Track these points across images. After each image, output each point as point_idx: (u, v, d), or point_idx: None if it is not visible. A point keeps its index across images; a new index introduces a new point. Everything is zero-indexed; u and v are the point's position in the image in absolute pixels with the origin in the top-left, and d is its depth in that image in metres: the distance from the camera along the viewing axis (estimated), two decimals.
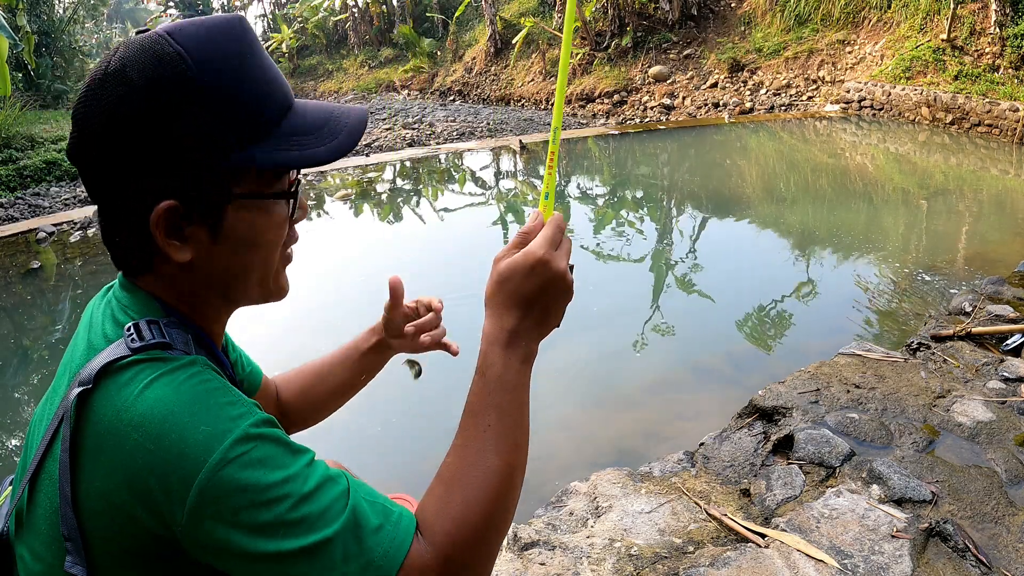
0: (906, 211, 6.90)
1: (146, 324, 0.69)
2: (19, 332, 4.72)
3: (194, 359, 0.68)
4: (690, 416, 3.18)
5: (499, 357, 0.72)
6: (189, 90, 0.65)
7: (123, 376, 0.64)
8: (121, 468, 0.61)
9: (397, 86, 21.17)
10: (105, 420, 0.63)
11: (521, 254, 0.73)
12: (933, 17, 11.86)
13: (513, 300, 0.72)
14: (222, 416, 0.62)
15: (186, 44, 0.66)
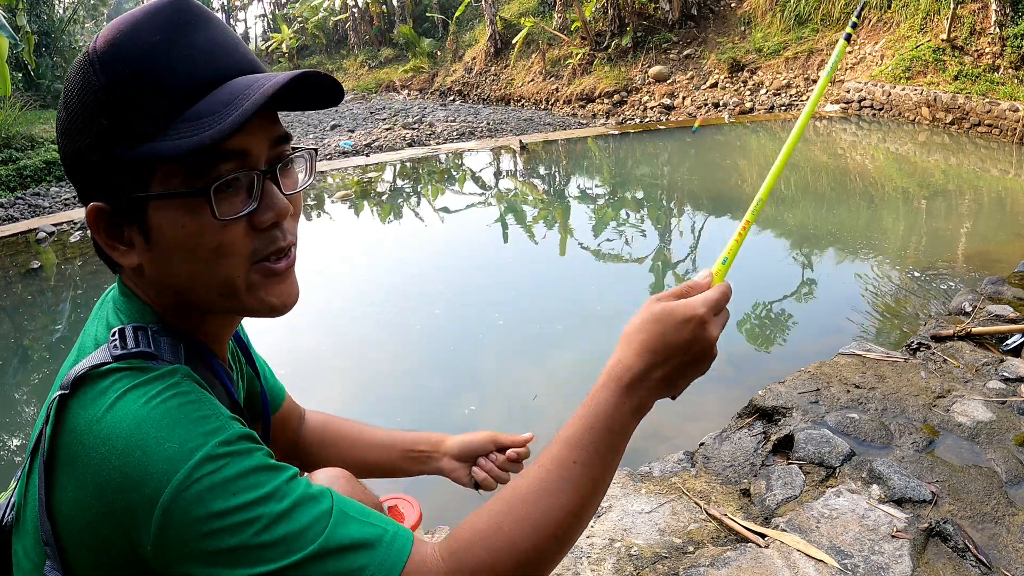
0: (906, 211, 6.90)
1: (132, 330, 0.66)
2: (19, 332, 4.72)
3: (174, 369, 0.65)
4: (690, 416, 3.18)
5: (614, 396, 0.69)
6: (90, 90, 0.63)
7: (100, 384, 0.62)
8: (91, 482, 0.58)
9: (397, 86, 21.17)
10: (78, 429, 0.60)
11: (682, 303, 0.70)
12: (933, 17, 11.86)
13: (655, 344, 0.69)
14: (191, 433, 0.59)
15: (100, 44, 0.64)
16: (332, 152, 10.84)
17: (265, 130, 0.68)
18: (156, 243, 0.66)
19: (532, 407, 3.37)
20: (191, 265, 0.66)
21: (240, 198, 0.66)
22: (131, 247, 0.67)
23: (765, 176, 0.80)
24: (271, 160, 0.69)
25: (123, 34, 0.64)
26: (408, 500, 1.50)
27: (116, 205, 0.66)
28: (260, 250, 0.69)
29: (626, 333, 0.71)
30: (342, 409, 1.22)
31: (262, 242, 0.69)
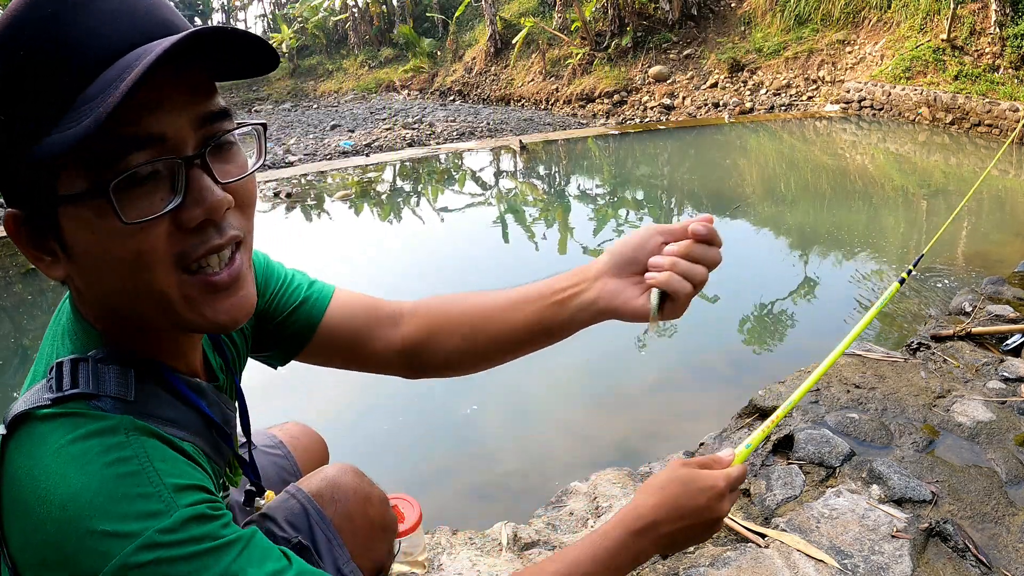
0: (906, 211, 6.90)
1: (70, 365, 0.59)
2: (19, 332, 4.73)
3: (116, 425, 0.57)
4: (690, 416, 3.18)
5: (623, 538, 0.73)
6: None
7: (37, 430, 0.57)
8: (31, 537, 0.55)
9: (397, 86, 21.17)
10: (18, 479, 0.56)
11: (707, 473, 0.76)
12: (933, 17, 11.86)
13: (672, 503, 0.74)
14: (130, 513, 0.53)
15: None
16: (332, 152, 10.84)
17: (187, 106, 0.56)
18: (73, 253, 0.58)
19: (535, 406, 3.37)
20: (112, 277, 0.58)
21: (160, 194, 0.56)
22: (55, 258, 0.59)
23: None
24: (201, 143, 0.58)
25: (12, 13, 0.54)
26: (408, 500, 1.51)
27: (27, 211, 0.57)
28: (189, 253, 0.58)
29: (649, 485, 0.77)
30: (343, 408, 1.22)
31: (192, 244, 0.58)
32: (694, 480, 0.76)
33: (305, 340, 0.89)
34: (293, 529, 0.87)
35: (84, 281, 0.60)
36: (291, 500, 0.91)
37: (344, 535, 0.89)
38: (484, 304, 0.87)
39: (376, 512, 0.95)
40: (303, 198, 8.17)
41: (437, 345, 0.89)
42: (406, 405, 3.39)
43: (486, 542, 1.94)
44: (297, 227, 7.15)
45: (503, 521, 2.01)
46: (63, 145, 0.51)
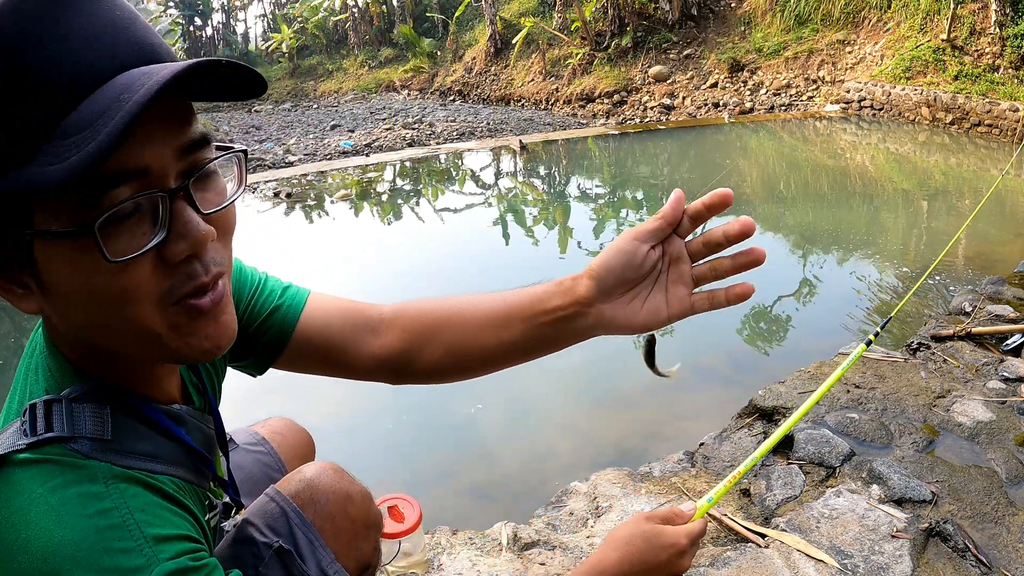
0: (906, 211, 6.90)
1: (43, 408, 0.57)
2: (19, 332, 4.73)
3: (94, 474, 0.56)
4: (690, 416, 3.18)
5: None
6: None
7: (15, 476, 0.55)
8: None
9: (397, 86, 21.18)
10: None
11: (670, 530, 0.81)
12: (933, 17, 11.86)
13: (635, 558, 0.78)
14: (111, 568, 0.52)
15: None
16: (332, 152, 10.84)
17: (170, 136, 0.54)
18: (50, 289, 0.55)
19: (535, 406, 3.37)
20: (93, 313, 0.56)
21: (143, 228, 0.54)
22: (28, 291, 0.57)
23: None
24: (183, 173, 0.56)
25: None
26: (408, 500, 1.51)
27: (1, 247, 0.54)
28: (175, 289, 0.57)
29: (613, 538, 0.80)
30: (343, 408, 1.21)
31: (177, 280, 0.57)
32: (657, 536, 0.80)
33: (280, 348, 0.88)
34: (273, 533, 0.86)
35: (60, 316, 0.58)
36: (270, 503, 0.90)
37: (326, 536, 0.88)
38: (470, 316, 0.83)
39: (358, 510, 0.93)
40: (303, 198, 8.17)
41: (420, 356, 0.86)
42: (406, 405, 3.39)
43: (486, 542, 1.94)
44: (297, 227, 7.15)
45: (503, 521, 2.02)
46: (48, 182, 0.48)
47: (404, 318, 0.86)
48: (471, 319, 0.82)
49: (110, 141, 0.47)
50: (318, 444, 1.35)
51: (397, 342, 0.86)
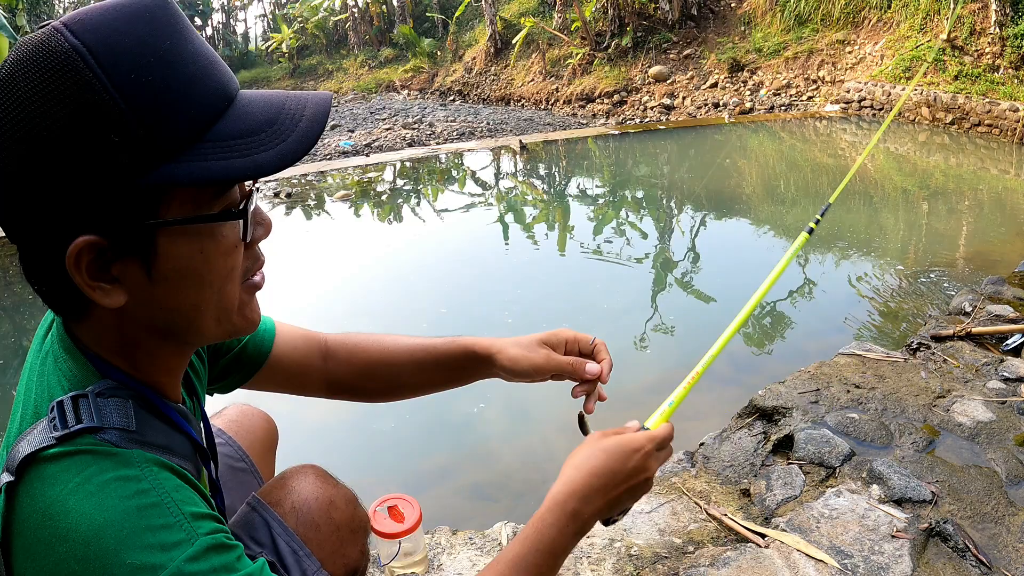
0: (906, 211, 6.90)
1: (71, 402, 0.59)
2: (19, 332, 4.73)
3: (129, 457, 0.58)
4: (690, 416, 3.18)
5: (559, 522, 0.75)
6: (89, 96, 0.52)
7: (47, 471, 0.57)
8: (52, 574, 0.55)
9: (397, 86, 21.17)
10: (31, 521, 0.56)
11: (630, 436, 0.81)
12: (933, 17, 11.86)
13: (603, 471, 0.78)
14: (155, 544, 0.54)
15: (86, 38, 0.52)
16: (332, 152, 10.84)
17: None
18: (163, 274, 0.59)
19: (535, 406, 3.37)
20: (199, 293, 0.62)
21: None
22: (117, 284, 0.59)
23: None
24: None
25: (122, 34, 0.53)
26: (408, 500, 1.51)
27: (116, 236, 0.57)
28: (248, 270, 0.67)
29: (573, 462, 0.81)
30: (343, 408, 1.21)
31: (250, 260, 0.67)
32: (619, 445, 0.80)
33: (256, 369, 0.95)
34: (256, 544, 0.86)
35: (155, 302, 0.61)
36: (252, 513, 0.90)
37: (311, 544, 0.88)
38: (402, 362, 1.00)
39: (342, 515, 0.95)
40: (303, 198, 8.17)
41: (362, 387, 1.02)
42: (406, 405, 3.39)
43: (486, 542, 1.94)
44: (297, 227, 7.15)
45: (503, 521, 2.02)
46: (228, 173, 0.56)
47: (346, 352, 1.00)
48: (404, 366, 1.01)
49: (309, 140, 0.59)
50: (318, 444, 1.35)
51: (344, 375, 1.01)
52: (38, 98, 0.52)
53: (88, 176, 0.54)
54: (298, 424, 2.98)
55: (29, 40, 0.54)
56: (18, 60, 0.54)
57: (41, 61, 0.52)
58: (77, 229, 0.56)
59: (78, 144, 0.53)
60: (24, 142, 0.53)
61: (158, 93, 0.54)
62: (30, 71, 0.53)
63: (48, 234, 0.56)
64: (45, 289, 0.61)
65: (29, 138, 0.53)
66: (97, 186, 0.54)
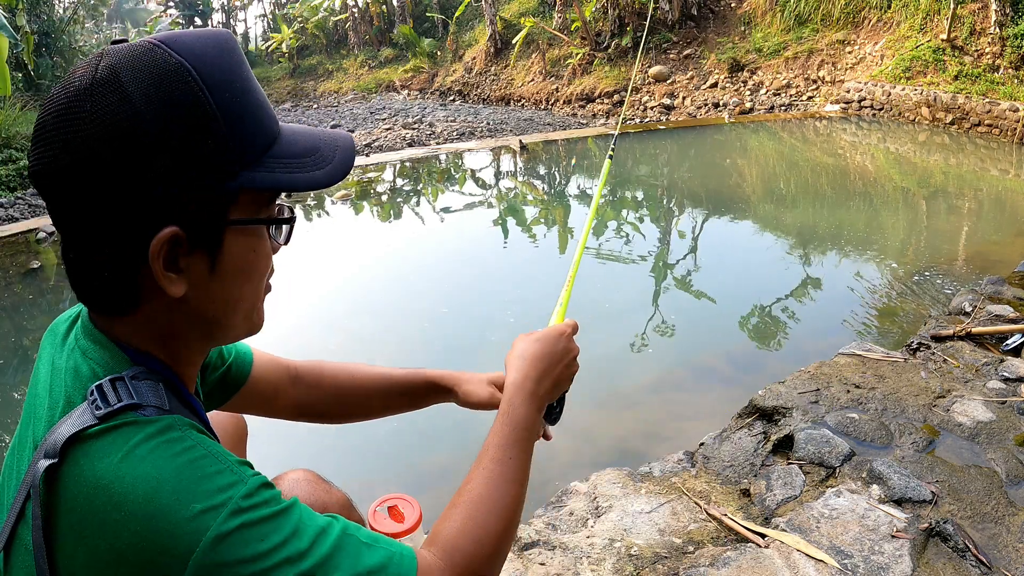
0: (906, 211, 6.90)
1: (109, 385, 0.63)
2: (19, 332, 4.73)
3: (170, 422, 0.63)
4: (690, 416, 3.18)
5: (523, 403, 0.84)
6: (195, 105, 0.61)
7: (93, 447, 0.60)
8: (106, 548, 0.57)
9: (397, 86, 21.17)
10: (81, 497, 0.58)
11: (550, 327, 0.93)
12: (933, 17, 11.86)
13: (542, 355, 0.89)
14: (211, 489, 0.59)
15: (188, 57, 0.61)
16: None
17: None
18: (223, 268, 0.67)
19: None
20: (242, 287, 0.70)
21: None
22: (181, 275, 0.65)
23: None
24: None
25: (211, 57, 0.63)
26: (408, 500, 1.50)
27: (195, 231, 0.64)
28: (272, 271, 0.76)
29: (516, 354, 0.90)
30: None
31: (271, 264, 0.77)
32: (547, 334, 0.92)
33: (235, 391, 1.00)
34: None
35: (210, 293, 0.68)
36: None
37: None
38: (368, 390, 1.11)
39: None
40: (303, 198, 8.17)
41: (329, 411, 1.11)
42: None
43: None
44: (297, 227, 7.13)
45: None
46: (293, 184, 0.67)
47: (314, 380, 1.08)
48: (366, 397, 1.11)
49: (348, 166, 0.71)
50: (319, 443, 1.35)
51: (311, 402, 1.09)
52: (148, 101, 0.59)
53: (184, 174, 0.61)
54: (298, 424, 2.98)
55: (125, 50, 0.61)
56: (119, 66, 0.60)
57: (151, 70, 0.60)
58: (164, 221, 0.62)
59: (181, 145, 0.61)
60: (127, 137, 0.59)
61: (243, 112, 0.64)
62: (139, 76, 0.60)
63: (134, 225, 0.61)
64: (99, 283, 0.65)
65: (134, 134, 0.59)
66: (191, 184, 0.62)
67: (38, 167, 0.62)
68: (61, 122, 0.60)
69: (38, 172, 0.62)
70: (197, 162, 0.62)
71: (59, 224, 0.64)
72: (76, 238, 0.63)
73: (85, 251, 0.64)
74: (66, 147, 0.59)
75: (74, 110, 0.59)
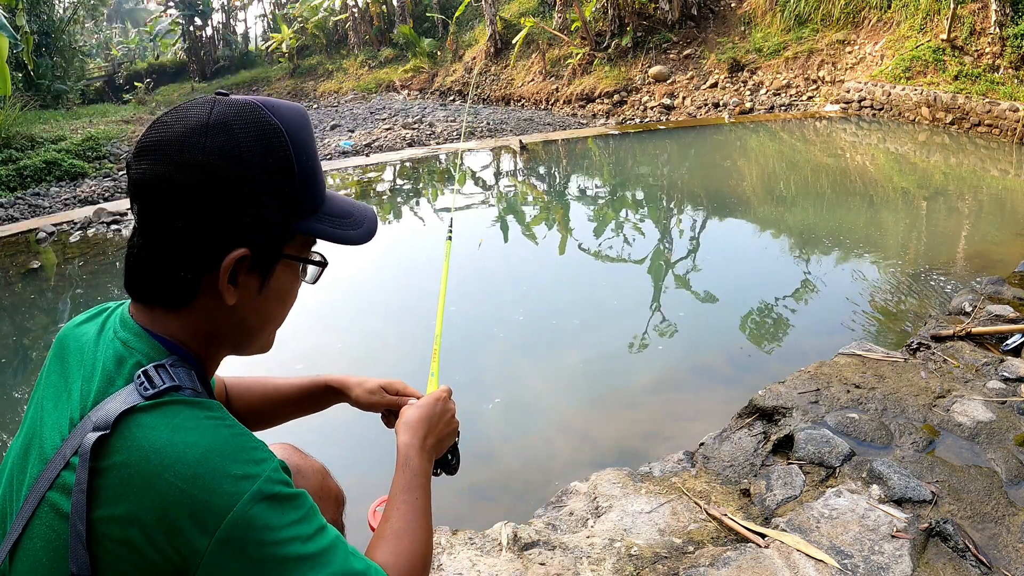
0: (906, 211, 6.90)
1: (154, 370, 0.75)
2: (19, 332, 4.72)
3: (210, 403, 0.75)
4: (690, 416, 3.18)
5: (416, 456, 1.01)
6: (284, 160, 0.77)
7: (144, 419, 0.71)
8: (149, 506, 0.67)
9: (397, 86, 21.16)
10: (132, 462, 0.69)
11: (431, 396, 1.11)
12: (933, 17, 11.85)
13: (427, 420, 1.06)
14: (249, 460, 0.71)
15: (282, 121, 0.77)
16: (332, 152, 10.84)
17: None
18: (267, 290, 0.82)
19: (535, 406, 3.37)
20: (277, 309, 0.86)
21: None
22: (236, 289, 0.79)
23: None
24: None
25: (297, 125, 0.79)
26: None
27: (259, 255, 0.79)
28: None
29: (403, 423, 1.05)
30: (343, 408, 1.23)
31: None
32: (428, 401, 1.09)
33: None
34: None
35: (252, 307, 0.82)
36: None
37: None
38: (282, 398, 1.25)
39: (308, 483, 1.13)
40: None
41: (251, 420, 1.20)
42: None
43: (486, 542, 1.94)
44: None
45: (503, 521, 2.02)
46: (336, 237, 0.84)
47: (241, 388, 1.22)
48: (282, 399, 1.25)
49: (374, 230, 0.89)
50: (320, 444, 1.35)
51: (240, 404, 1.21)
52: (252, 149, 0.75)
53: (266, 210, 0.77)
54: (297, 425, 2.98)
55: (235, 103, 0.77)
56: (231, 115, 0.76)
57: (255, 125, 0.76)
58: (240, 242, 0.76)
59: (269, 188, 0.77)
60: (231, 173, 0.74)
61: (311, 173, 0.81)
62: (247, 128, 0.75)
63: (218, 240, 0.76)
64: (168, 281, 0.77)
65: (237, 171, 0.74)
66: (267, 219, 0.78)
67: (145, 178, 0.74)
68: (177, 147, 0.73)
69: (143, 182, 0.74)
70: (277, 203, 0.78)
71: (146, 228, 0.76)
72: (159, 241, 0.76)
73: (165, 253, 0.76)
74: (179, 169, 0.73)
75: (192, 141, 0.73)
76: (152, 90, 26.53)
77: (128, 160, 0.78)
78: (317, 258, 0.88)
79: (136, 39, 36.06)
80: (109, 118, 12.19)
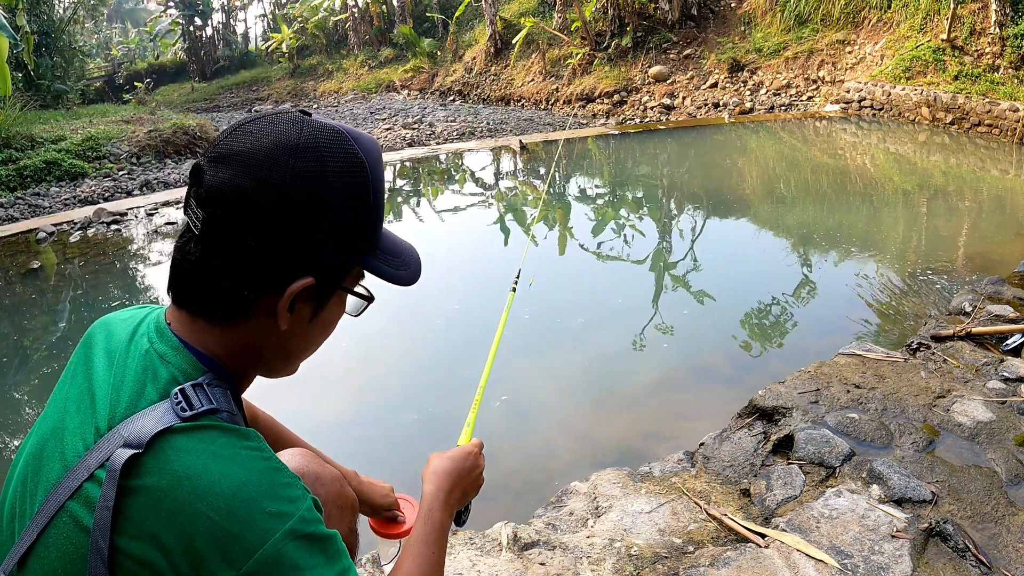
0: (906, 211, 6.90)
1: (192, 389, 0.73)
2: (19, 332, 4.72)
3: (249, 433, 0.74)
4: (690, 416, 3.18)
5: (439, 510, 1.00)
6: (364, 195, 0.77)
7: (179, 441, 0.69)
8: (178, 532, 0.65)
9: (397, 86, 21.16)
10: (163, 485, 0.67)
11: (461, 447, 1.10)
12: (933, 17, 11.86)
13: (455, 472, 1.05)
14: (284, 496, 0.70)
15: (364, 155, 0.77)
16: None
17: None
18: (318, 319, 0.82)
19: (536, 406, 3.37)
20: (319, 338, 0.86)
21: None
22: (291, 314, 0.78)
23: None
24: None
25: (376, 159, 0.79)
26: (408, 500, 1.50)
27: (321, 286, 0.78)
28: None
29: (431, 472, 1.05)
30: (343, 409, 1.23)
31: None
32: (458, 454, 1.08)
33: None
34: None
35: (300, 333, 0.81)
36: None
37: None
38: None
39: (327, 491, 1.11)
40: None
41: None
42: (407, 406, 3.39)
43: (486, 542, 1.94)
44: None
45: (503, 521, 2.02)
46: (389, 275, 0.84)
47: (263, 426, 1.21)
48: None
49: (419, 272, 0.89)
50: (320, 444, 1.35)
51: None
52: (338, 178, 0.75)
53: (340, 241, 0.77)
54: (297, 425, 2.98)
55: (324, 128, 0.76)
56: (321, 140, 0.75)
57: (344, 156, 0.76)
58: (309, 271, 0.76)
59: (347, 219, 0.77)
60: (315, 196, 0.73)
61: (382, 208, 0.81)
62: (336, 157, 0.75)
63: (289, 264, 0.75)
64: (226, 295, 0.75)
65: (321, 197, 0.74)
66: (339, 250, 0.78)
67: (222, 188, 0.71)
68: (262, 162, 0.71)
69: (218, 191, 0.71)
70: (350, 236, 0.78)
71: (212, 238, 0.72)
72: (225, 254, 0.73)
73: (229, 268, 0.73)
74: (261, 186, 0.71)
75: (280, 160, 0.72)
76: (152, 90, 26.52)
77: (201, 163, 0.74)
78: (365, 292, 0.87)
79: (136, 39, 36.06)
80: (109, 118, 12.18)
